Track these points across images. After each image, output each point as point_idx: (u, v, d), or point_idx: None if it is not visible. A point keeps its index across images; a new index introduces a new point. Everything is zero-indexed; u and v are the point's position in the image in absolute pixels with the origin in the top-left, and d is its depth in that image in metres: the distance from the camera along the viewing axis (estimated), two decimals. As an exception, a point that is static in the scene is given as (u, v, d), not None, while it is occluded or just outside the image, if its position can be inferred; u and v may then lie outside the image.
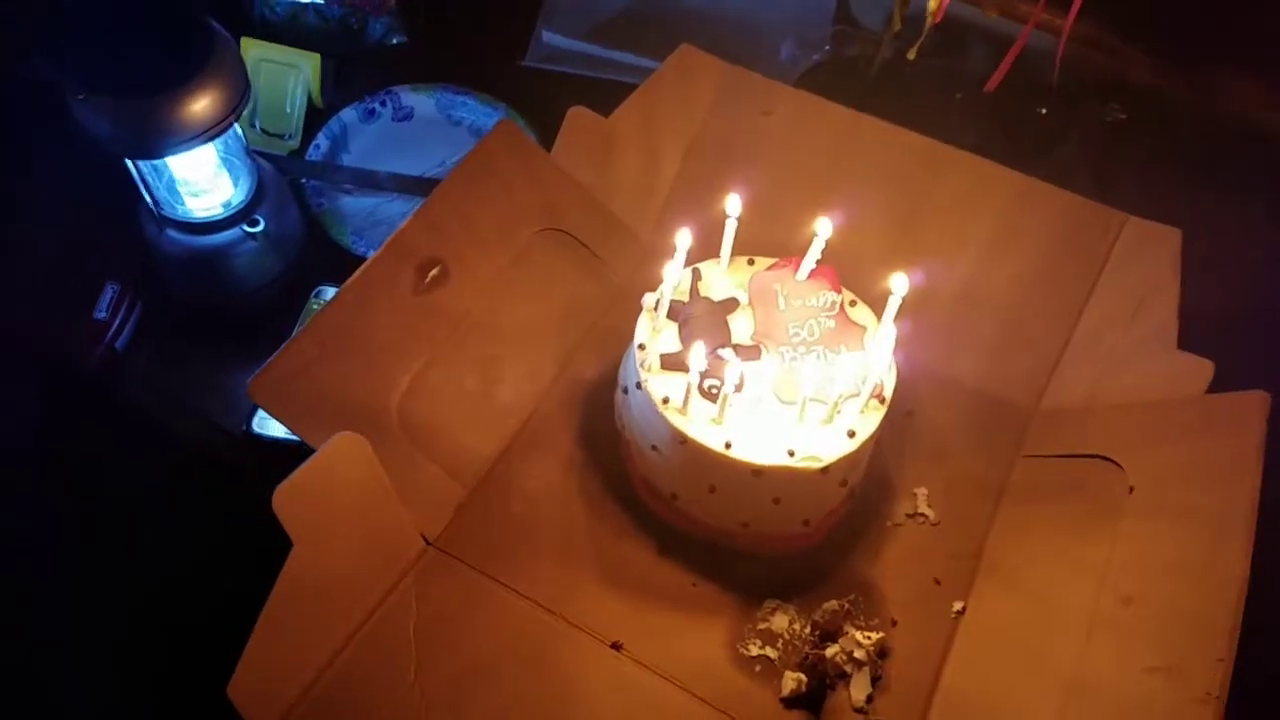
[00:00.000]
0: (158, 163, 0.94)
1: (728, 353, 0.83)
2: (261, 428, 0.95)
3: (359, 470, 0.80)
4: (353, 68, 1.24)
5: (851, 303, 0.88)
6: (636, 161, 1.04)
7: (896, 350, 0.83)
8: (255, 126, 1.16)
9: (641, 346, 0.84)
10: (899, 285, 0.81)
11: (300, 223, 1.07)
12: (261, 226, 0.99)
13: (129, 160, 0.94)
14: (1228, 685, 0.69)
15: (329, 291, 1.02)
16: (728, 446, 0.79)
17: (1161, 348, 0.89)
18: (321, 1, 1.20)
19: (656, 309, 0.86)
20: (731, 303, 0.87)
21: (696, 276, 0.89)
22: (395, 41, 1.26)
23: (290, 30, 1.22)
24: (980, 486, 0.92)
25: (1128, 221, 0.99)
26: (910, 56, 1.12)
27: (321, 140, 1.16)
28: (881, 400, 0.82)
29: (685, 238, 0.86)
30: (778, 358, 0.84)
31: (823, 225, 0.86)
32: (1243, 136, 1.13)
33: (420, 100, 1.20)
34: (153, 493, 0.93)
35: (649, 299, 0.86)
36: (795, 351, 0.84)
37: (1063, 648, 0.78)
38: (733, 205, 0.87)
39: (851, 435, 0.80)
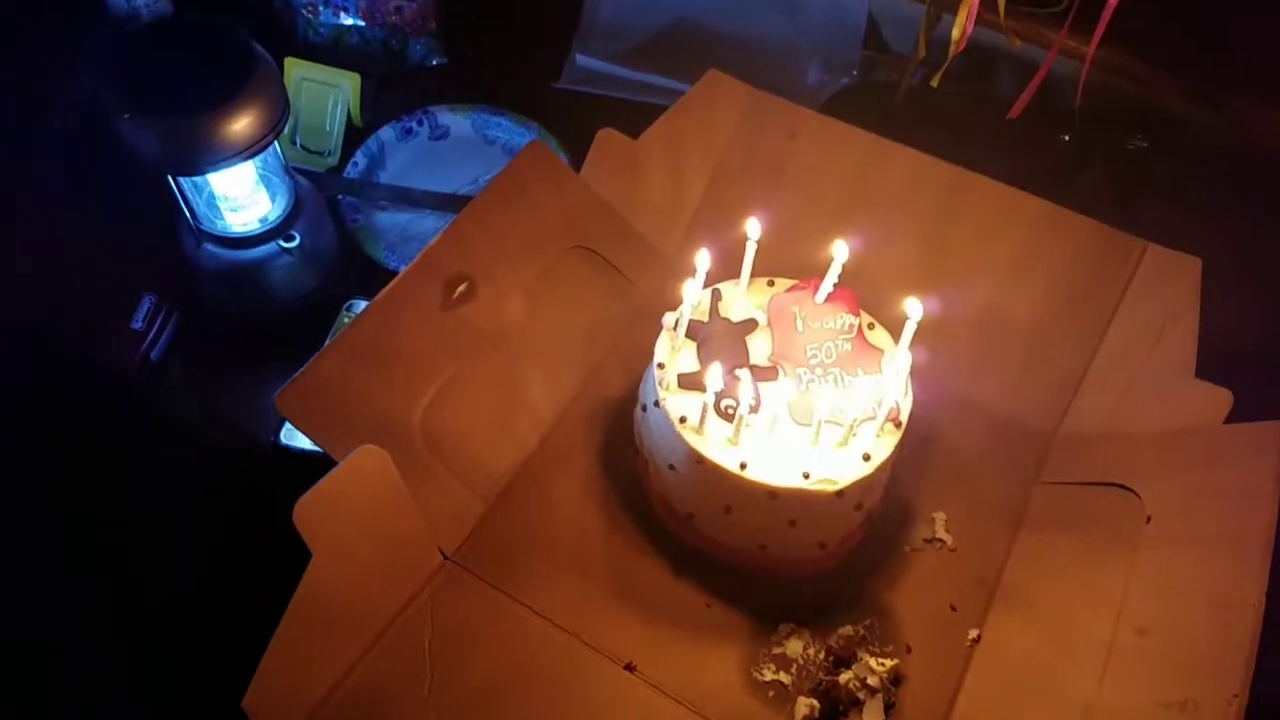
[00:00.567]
0: (198, 179, 0.96)
1: (744, 373, 0.83)
2: (289, 439, 0.96)
3: (380, 483, 0.80)
4: (392, 88, 1.26)
5: (870, 326, 0.88)
6: (663, 182, 1.05)
7: (913, 374, 0.83)
8: (295, 143, 1.18)
9: (660, 365, 0.85)
10: (914, 310, 0.82)
11: (335, 238, 1.08)
12: (297, 241, 1.01)
13: (170, 176, 0.96)
14: (1242, 720, 0.69)
15: (360, 305, 1.03)
16: (743, 467, 0.79)
17: (1180, 377, 0.89)
18: (364, 24, 1.23)
19: (676, 328, 0.87)
20: (750, 323, 0.88)
21: (716, 297, 0.89)
22: (435, 63, 1.28)
23: (333, 51, 1.24)
24: (998, 513, 0.91)
25: (1148, 249, 0.98)
26: (934, 84, 1.12)
27: (359, 158, 1.18)
28: (897, 424, 0.82)
29: (704, 259, 0.87)
30: (794, 379, 0.84)
31: (839, 249, 0.87)
32: (1265, 167, 1.13)
33: (456, 120, 1.22)
34: (179, 501, 0.95)
35: (669, 318, 0.87)
36: (812, 373, 0.85)
37: (1078, 678, 0.77)
38: (753, 229, 0.88)
39: (867, 459, 0.80)
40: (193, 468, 0.98)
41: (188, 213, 0.99)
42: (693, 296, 0.86)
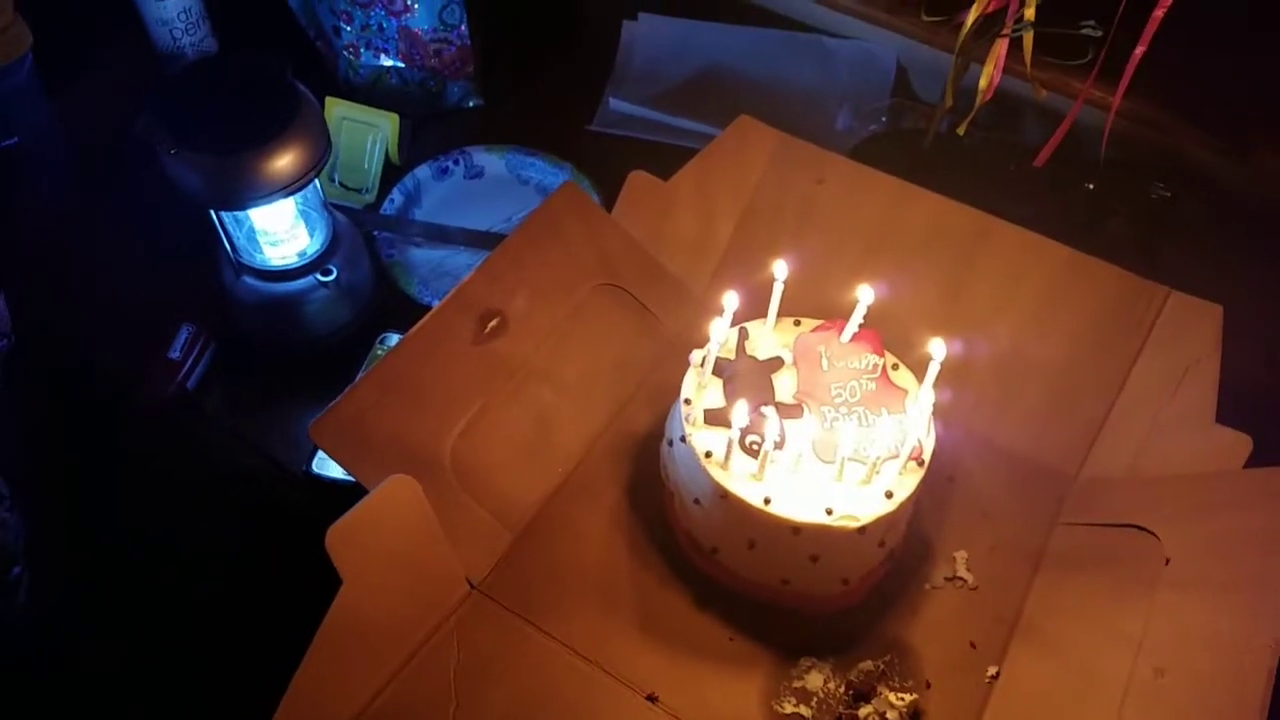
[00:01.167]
0: (239, 214, 0.98)
1: (770, 410, 0.85)
2: (321, 469, 0.97)
3: (410, 512, 0.82)
4: (430, 128, 1.28)
5: (894, 366, 0.89)
6: (693, 223, 1.07)
7: (936, 414, 0.85)
8: (334, 180, 1.20)
9: (687, 401, 0.86)
10: (938, 351, 0.83)
11: (371, 273, 1.10)
12: (334, 276, 1.02)
13: (212, 211, 0.97)
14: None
15: (394, 338, 1.04)
16: (767, 502, 0.80)
17: (1201, 421, 0.89)
18: (403, 65, 1.26)
19: (703, 365, 0.88)
20: (776, 361, 0.90)
21: (743, 335, 0.91)
22: (471, 105, 1.31)
23: (373, 91, 1.27)
24: (1019, 552, 0.92)
25: (1170, 296, 0.99)
26: (960, 131, 1.14)
27: (396, 195, 1.20)
28: (920, 463, 0.83)
29: (732, 299, 0.89)
30: (819, 417, 0.85)
31: (864, 292, 0.88)
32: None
33: (491, 160, 1.24)
34: (213, 527, 0.96)
35: (696, 355, 0.88)
36: (836, 411, 0.86)
37: (1095, 716, 0.78)
38: (780, 270, 0.89)
39: (889, 496, 0.81)
40: (227, 495, 0.99)
41: (228, 246, 1.01)
42: (720, 335, 0.88)
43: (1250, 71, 1.11)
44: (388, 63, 1.26)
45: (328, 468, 0.97)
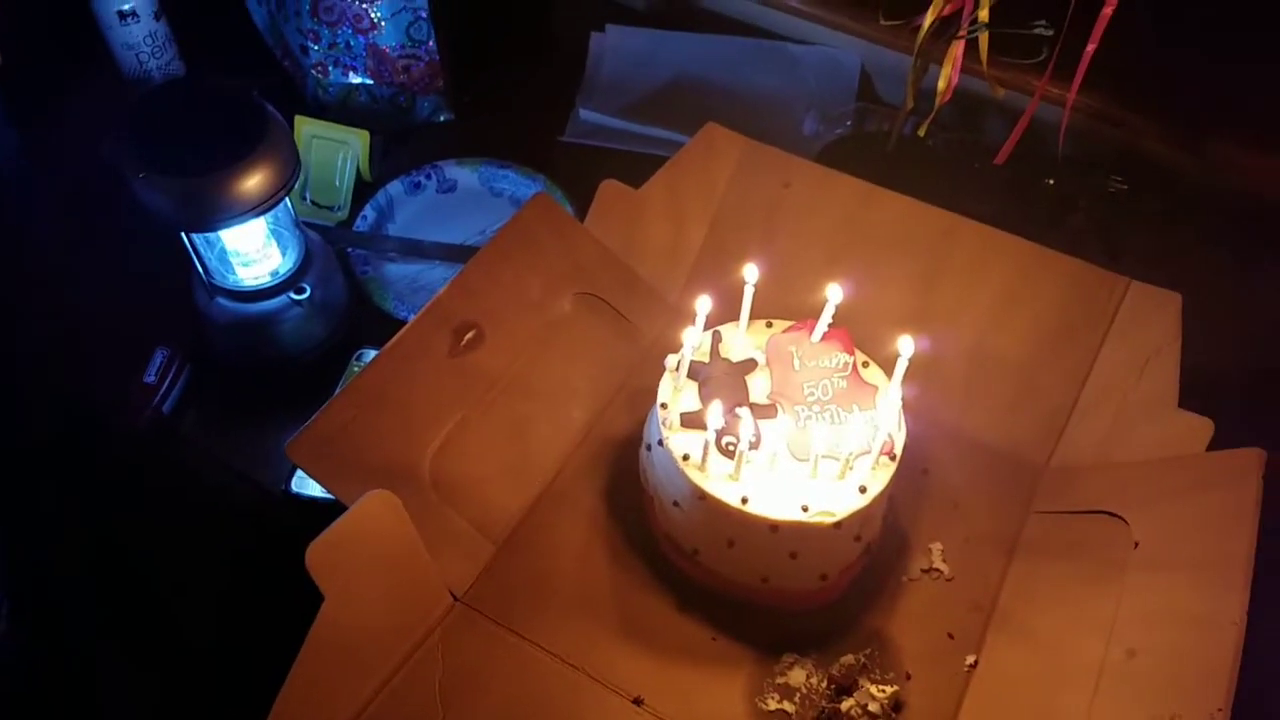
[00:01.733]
0: (210, 235, 0.97)
1: (744, 411, 0.86)
2: (300, 487, 0.97)
3: (390, 527, 0.82)
4: (400, 143, 1.28)
5: (864, 364, 0.91)
6: (664, 230, 1.08)
7: (907, 409, 0.86)
8: (306, 199, 1.20)
9: (664, 405, 0.87)
10: (905, 348, 0.85)
11: (345, 289, 1.09)
12: (308, 294, 1.02)
13: (183, 233, 0.97)
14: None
15: (370, 354, 1.04)
16: (744, 502, 0.81)
17: (1164, 407, 0.91)
18: (372, 82, 1.26)
19: (678, 370, 0.89)
20: (750, 363, 0.91)
21: (717, 339, 0.92)
22: (442, 119, 1.31)
23: (342, 109, 1.28)
24: (993, 542, 0.93)
25: (1131, 286, 1.01)
26: (922, 133, 1.16)
27: (369, 211, 1.20)
28: (892, 457, 0.84)
29: (705, 303, 0.90)
30: (793, 416, 0.87)
31: (833, 291, 0.90)
32: (1240, 206, 1.15)
33: (464, 174, 1.25)
34: (191, 550, 0.96)
35: (671, 360, 0.89)
36: (809, 410, 0.87)
37: (1071, 699, 0.79)
38: (751, 273, 0.91)
39: (863, 491, 0.82)
40: (205, 517, 0.99)
41: (200, 268, 1.00)
42: (694, 339, 0.89)
43: (1201, 65, 1.12)
44: (356, 80, 1.26)
45: (307, 486, 0.97)
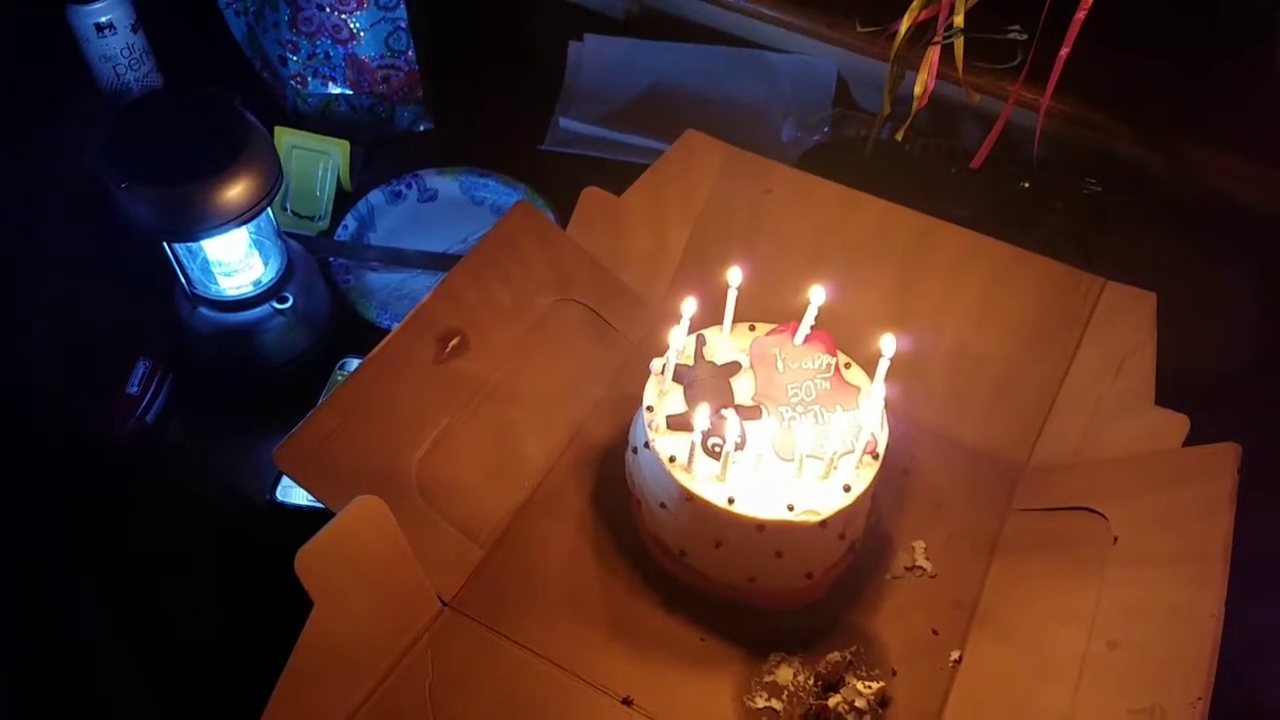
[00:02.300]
0: (193, 245, 0.98)
1: (729, 413, 0.87)
2: (285, 496, 0.97)
3: (378, 533, 0.82)
4: (381, 153, 1.28)
5: (846, 365, 0.92)
6: (646, 236, 1.09)
7: (889, 409, 0.87)
8: (286, 209, 1.20)
9: (649, 408, 0.88)
10: (887, 347, 0.86)
11: (328, 299, 1.10)
12: (290, 303, 1.02)
13: (165, 243, 0.97)
14: (1205, 721, 0.72)
15: (353, 363, 1.04)
16: (730, 502, 0.82)
17: (1141, 404, 0.93)
18: (351, 92, 1.27)
19: (663, 373, 0.90)
20: (734, 366, 0.92)
21: (701, 342, 0.93)
22: (422, 129, 1.32)
23: (322, 119, 1.28)
24: (975, 540, 0.94)
25: (1106, 286, 1.02)
26: (898, 138, 1.17)
27: (350, 221, 1.20)
28: (875, 456, 0.85)
29: (690, 306, 0.91)
30: (777, 417, 0.88)
31: (815, 293, 0.91)
32: (1215, 208, 1.17)
33: (444, 182, 1.25)
34: (176, 561, 0.96)
35: (656, 364, 0.90)
36: (793, 411, 0.88)
37: (1054, 691, 0.80)
38: (734, 277, 0.92)
39: (847, 489, 0.83)
40: (192, 527, 0.98)
41: (182, 278, 1.01)
42: (678, 342, 0.90)
43: (1174, 69, 1.14)
44: (336, 90, 1.27)
45: (292, 495, 0.97)
